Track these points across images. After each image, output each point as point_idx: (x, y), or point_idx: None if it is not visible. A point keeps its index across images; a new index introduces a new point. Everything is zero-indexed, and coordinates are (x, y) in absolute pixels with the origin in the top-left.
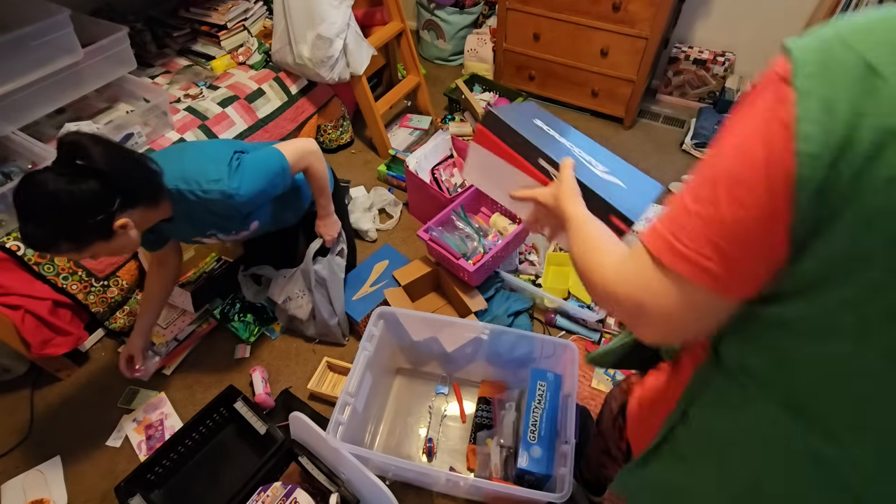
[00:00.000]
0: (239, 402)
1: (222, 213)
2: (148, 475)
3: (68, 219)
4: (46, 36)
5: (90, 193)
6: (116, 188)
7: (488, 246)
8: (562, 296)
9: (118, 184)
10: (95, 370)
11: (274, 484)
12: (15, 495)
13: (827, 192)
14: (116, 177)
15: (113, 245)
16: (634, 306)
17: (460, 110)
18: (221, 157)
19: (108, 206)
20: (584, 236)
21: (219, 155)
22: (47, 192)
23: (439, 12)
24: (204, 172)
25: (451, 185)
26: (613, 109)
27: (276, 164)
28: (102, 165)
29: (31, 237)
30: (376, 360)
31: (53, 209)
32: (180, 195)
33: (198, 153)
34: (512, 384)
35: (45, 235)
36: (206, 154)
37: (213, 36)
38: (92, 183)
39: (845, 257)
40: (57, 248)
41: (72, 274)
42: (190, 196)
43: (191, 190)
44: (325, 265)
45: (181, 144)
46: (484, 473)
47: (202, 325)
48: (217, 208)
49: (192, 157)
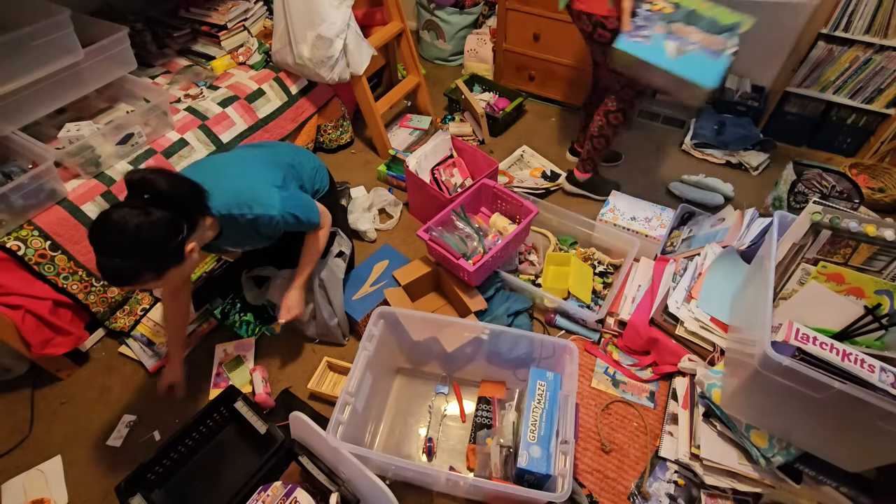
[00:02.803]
0: (239, 402)
1: (264, 232)
2: (148, 475)
3: (151, 250)
4: (47, 36)
5: (164, 223)
6: (182, 214)
7: (488, 246)
8: (561, 296)
9: (183, 209)
10: (96, 370)
11: (274, 483)
12: (15, 495)
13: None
14: (181, 203)
15: (185, 268)
16: None
17: (460, 110)
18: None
19: (180, 232)
20: None
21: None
22: (130, 227)
23: (439, 12)
24: (256, 197)
25: (451, 185)
26: None
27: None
28: (169, 195)
29: (117, 271)
30: (376, 360)
31: (138, 243)
32: (231, 217)
33: (246, 175)
34: (512, 384)
35: (130, 268)
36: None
37: (213, 36)
38: (163, 213)
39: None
40: (141, 278)
41: (72, 274)
42: (240, 218)
43: (242, 213)
44: (324, 266)
45: (219, 160)
46: (484, 473)
47: (202, 325)
48: (262, 229)
49: (242, 180)
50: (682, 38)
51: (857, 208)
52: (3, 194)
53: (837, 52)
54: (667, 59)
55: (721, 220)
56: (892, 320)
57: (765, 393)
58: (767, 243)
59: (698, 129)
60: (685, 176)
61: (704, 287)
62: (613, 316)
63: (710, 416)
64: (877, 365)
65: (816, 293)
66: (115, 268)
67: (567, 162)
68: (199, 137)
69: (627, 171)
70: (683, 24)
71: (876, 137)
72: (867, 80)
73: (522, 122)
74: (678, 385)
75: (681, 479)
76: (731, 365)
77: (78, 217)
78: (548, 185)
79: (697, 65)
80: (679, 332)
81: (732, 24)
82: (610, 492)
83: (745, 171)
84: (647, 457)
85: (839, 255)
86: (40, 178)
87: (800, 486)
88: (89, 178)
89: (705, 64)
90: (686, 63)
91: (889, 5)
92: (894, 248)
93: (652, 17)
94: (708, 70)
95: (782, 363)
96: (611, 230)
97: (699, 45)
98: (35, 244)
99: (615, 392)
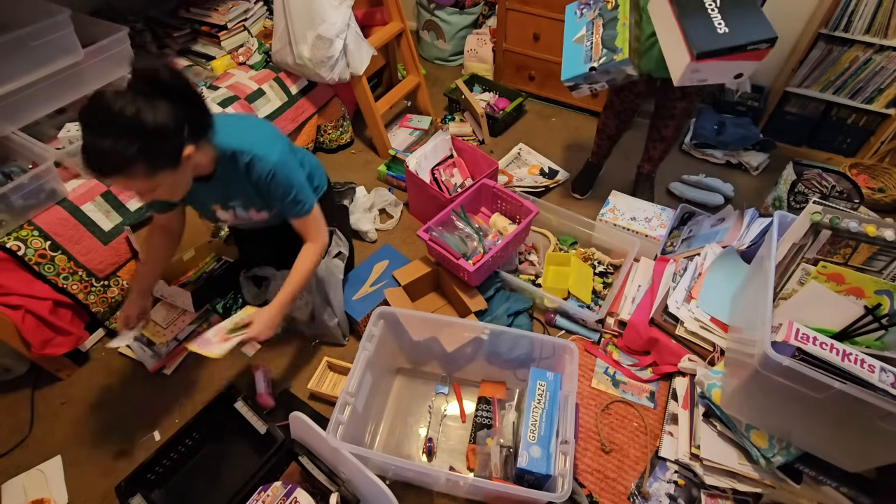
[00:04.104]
0: (239, 402)
1: (257, 187)
2: (148, 475)
3: (148, 135)
4: (47, 36)
5: (166, 113)
6: (186, 115)
7: (488, 246)
8: (561, 296)
9: (187, 111)
10: (96, 370)
11: (274, 483)
12: (15, 495)
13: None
14: (187, 103)
15: (177, 178)
16: None
17: (460, 110)
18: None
19: (181, 131)
20: None
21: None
22: (130, 109)
23: (439, 12)
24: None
25: (451, 186)
26: None
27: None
28: (177, 90)
29: (105, 154)
30: (376, 360)
31: (135, 125)
32: (232, 158)
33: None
34: (512, 384)
35: (122, 151)
36: (266, 130)
37: (213, 36)
38: (167, 105)
39: None
40: (130, 168)
41: (72, 274)
42: (239, 158)
43: (242, 151)
44: (323, 267)
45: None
46: (484, 473)
47: (202, 325)
48: (257, 181)
49: (251, 128)
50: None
51: (857, 208)
52: (4, 194)
53: (837, 52)
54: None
55: (721, 220)
56: (892, 320)
57: (765, 393)
58: (767, 243)
59: (698, 129)
60: (685, 176)
61: (704, 287)
62: (613, 316)
63: (710, 416)
64: (877, 365)
65: (816, 293)
66: (104, 150)
67: (563, 157)
68: None
69: (628, 171)
70: (602, 23)
71: (876, 137)
72: (867, 80)
73: (522, 123)
74: (678, 385)
75: (681, 480)
76: (731, 365)
77: (78, 217)
78: (547, 183)
79: (574, 58)
80: (679, 332)
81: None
82: (610, 492)
83: (745, 171)
84: (647, 457)
85: (839, 255)
86: (40, 178)
87: (800, 486)
88: (89, 178)
89: (578, 62)
90: (572, 51)
91: (889, 5)
92: (894, 248)
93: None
94: (572, 67)
95: (782, 363)
96: (611, 230)
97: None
98: (35, 244)
99: (615, 392)
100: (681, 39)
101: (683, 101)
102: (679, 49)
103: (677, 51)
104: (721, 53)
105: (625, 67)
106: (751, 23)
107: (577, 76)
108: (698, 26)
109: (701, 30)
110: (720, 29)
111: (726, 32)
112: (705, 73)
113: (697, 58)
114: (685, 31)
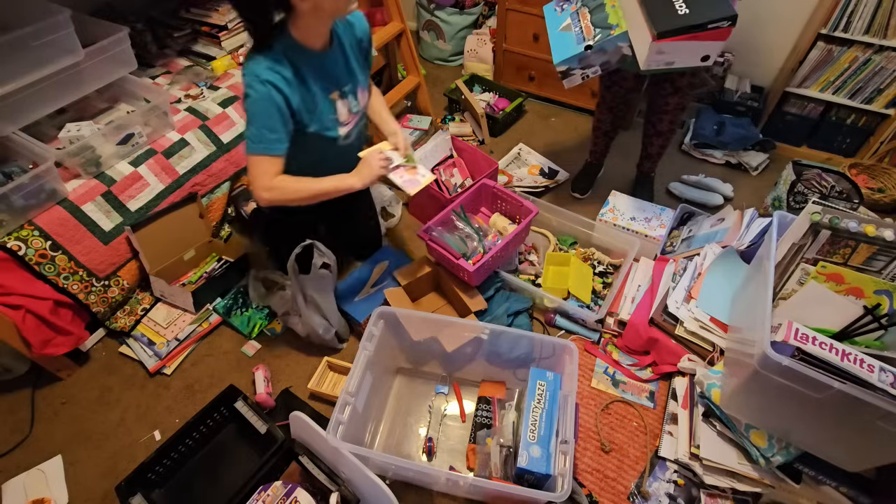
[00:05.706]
0: (239, 402)
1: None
2: (148, 475)
3: None
4: (47, 36)
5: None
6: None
7: (488, 246)
8: (561, 296)
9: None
10: (96, 370)
11: (274, 483)
12: (16, 495)
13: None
14: None
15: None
16: None
17: (460, 110)
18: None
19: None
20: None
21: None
22: None
23: (439, 13)
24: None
25: (451, 185)
26: None
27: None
28: None
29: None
30: (376, 360)
31: None
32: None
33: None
34: (512, 384)
35: None
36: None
37: (213, 36)
38: None
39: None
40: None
41: (73, 274)
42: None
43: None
44: (311, 282)
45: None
46: (484, 473)
47: (202, 325)
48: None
49: None
50: (578, 20)
51: (857, 208)
52: (4, 194)
53: (837, 53)
54: (556, 30)
55: (721, 220)
56: (892, 320)
57: (764, 393)
58: (767, 243)
59: (698, 130)
60: (685, 176)
61: (704, 287)
62: (613, 316)
63: (709, 416)
64: (876, 365)
65: (816, 293)
66: None
67: (563, 157)
68: (200, 138)
69: (627, 171)
70: (588, 10)
71: (875, 137)
72: (866, 80)
73: (522, 123)
74: (678, 385)
75: (680, 479)
76: (730, 365)
77: (78, 217)
78: (547, 183)
79: (565, 43)
80: (679, 332)
81: (611, 25)
82: (610, 492)
83: (744, 171)
84: (646, 457)
85: (839, 255)
86: (41, 178)
87: (799, 485)
88: (90, 178)
89: (570, 45)
90: (560, 39)
91: (888, 5)
92: (894, 248)
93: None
94: (564, 50)
95: (782, 363)
96: (610, 230)
97: (579, 30)
98: (35, 244)
99: (615, 392)
100: (643, 22)
101: (676, 97)
102: (643, 32)
103: (642, 34)
104: (681, 32)
105: (622, 44)
106: (710, 3)
107: (571, 57)
108: (659, 7)
109: (661, 10)
110: (681, 10)
111: (687, 13)
112: (670, 54)
113: (658, 37)
114: (647, 12)
